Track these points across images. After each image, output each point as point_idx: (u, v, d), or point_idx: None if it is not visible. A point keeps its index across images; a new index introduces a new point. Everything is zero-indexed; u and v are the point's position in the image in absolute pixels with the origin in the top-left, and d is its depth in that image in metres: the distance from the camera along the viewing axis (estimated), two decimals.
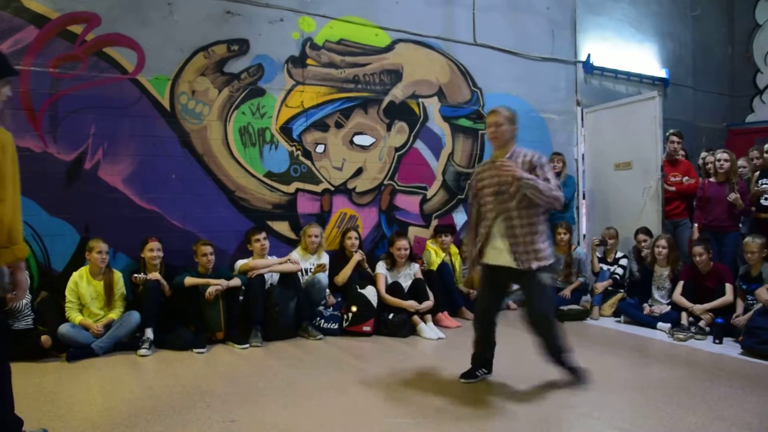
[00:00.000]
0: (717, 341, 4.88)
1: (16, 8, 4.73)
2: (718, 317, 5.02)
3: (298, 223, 5.86)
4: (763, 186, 5.74)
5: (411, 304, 5.26)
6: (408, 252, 5.56)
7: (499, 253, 3.55)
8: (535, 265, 3.45)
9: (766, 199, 5.68)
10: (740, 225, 5.90)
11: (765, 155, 5.87)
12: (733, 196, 5.58)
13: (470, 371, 3.82)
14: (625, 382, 3.80)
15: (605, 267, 6.39)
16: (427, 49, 6.63)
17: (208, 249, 4.90)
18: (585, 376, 3.69)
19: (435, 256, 6.10)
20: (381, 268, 5.52)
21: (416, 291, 5.38)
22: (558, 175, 6.98)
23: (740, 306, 5.04)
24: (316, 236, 5.48)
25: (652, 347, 4.85)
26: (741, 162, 6.11)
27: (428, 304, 5.33)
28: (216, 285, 4.73)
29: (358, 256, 5.63)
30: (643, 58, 8.31)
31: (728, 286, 5.16)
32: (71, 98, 4.92)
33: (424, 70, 6.61)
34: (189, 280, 4.72)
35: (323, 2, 6.03)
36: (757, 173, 5.96)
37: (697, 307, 5.14)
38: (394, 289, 5.37)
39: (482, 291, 3.78)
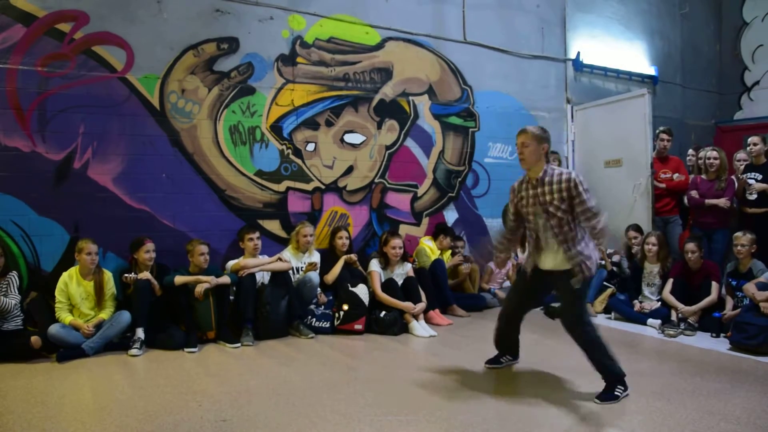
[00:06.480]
0: (714, 335, 4.92)
1: (2, 6, 4.69)
2: (716, 312, 5.06)
3: (288, 221, 5.85)
4: (749, 181, 5.79)
5: (407, 305, 5.22)
6: (402, 251, 5.55)
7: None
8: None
9: (751, 194, 5.74)
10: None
11: (749, 148, 5.91)
12: (723, 202, 5.67)
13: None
14: None
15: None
16: (417, 47, 6.63)
17: (204, 248, 4.87)
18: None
19: (431, 252, 6.09)
20: (375, 265, 5.49)
21: (408, 290, 5.36)
22: None
23: (729, 302, 5.08)
24: (309, 236, 5.47)
25: (642, 343, 4.88)
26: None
27: (422, 306, 5.29)
28: (204, 283, 4.72)
29: (347, 258, 5.60)
30: (633, 55, 8.35)
31: (714, 285, 5.20)
32: (60, 97, 4.89)
33: (415, 68, 6.61)
34: (179, 279, 4.70)
35: (313, 0, 6.02)
36: (742, 167, 6.03)
37: (685, 310, 5.18)
38: (389, 285, 5.35)
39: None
